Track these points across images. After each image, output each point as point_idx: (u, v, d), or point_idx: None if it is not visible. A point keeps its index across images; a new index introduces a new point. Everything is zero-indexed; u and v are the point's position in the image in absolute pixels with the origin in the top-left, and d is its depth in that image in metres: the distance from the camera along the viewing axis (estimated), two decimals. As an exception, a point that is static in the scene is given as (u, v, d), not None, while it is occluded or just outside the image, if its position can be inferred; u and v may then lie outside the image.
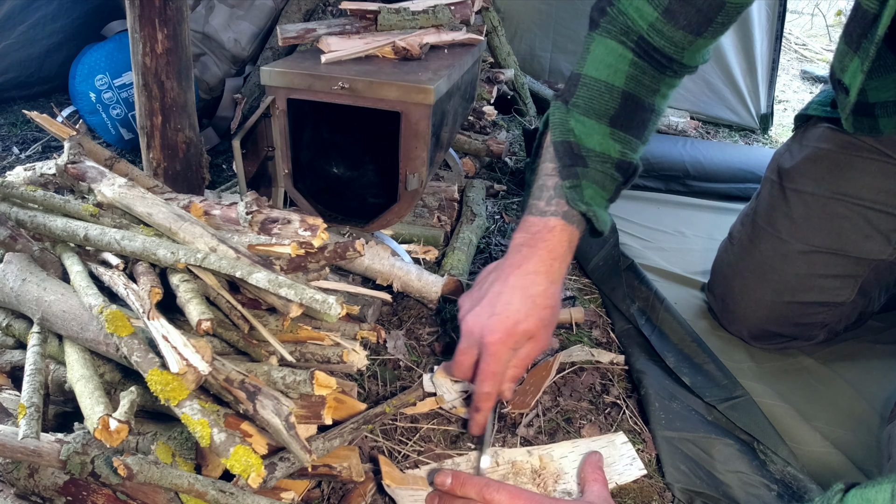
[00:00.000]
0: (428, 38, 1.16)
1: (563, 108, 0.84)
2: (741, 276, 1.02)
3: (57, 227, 0.72)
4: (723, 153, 1.68)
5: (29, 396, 0.57)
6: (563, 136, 0.83)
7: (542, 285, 0.76)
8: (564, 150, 0.83)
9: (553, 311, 0.78)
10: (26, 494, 0.60)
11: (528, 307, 0.75)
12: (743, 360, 1.00)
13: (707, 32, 0.79)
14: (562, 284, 0.80)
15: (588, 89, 0.83)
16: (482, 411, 0.76)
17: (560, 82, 2.29)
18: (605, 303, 1.10)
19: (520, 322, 0.74)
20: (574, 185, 0.81)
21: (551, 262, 0.78)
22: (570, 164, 0.82)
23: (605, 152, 0.82)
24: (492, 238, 1.32)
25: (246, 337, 0.69)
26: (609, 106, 0.82)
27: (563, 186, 0.81)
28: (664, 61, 0.82)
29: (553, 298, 0.77)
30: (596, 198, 0.82)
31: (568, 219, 0.80)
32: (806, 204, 0.96)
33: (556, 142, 0.84)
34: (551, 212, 0.80)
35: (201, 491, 0.56)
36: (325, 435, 0.69)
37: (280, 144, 1.03)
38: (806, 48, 3.77)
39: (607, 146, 0.82)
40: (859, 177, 0.92)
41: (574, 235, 0.81)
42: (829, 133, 0.96)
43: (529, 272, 0.77)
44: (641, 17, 0.79)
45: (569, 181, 0.81)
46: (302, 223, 0.74)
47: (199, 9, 1.88)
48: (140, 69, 0.95)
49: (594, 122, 0.82)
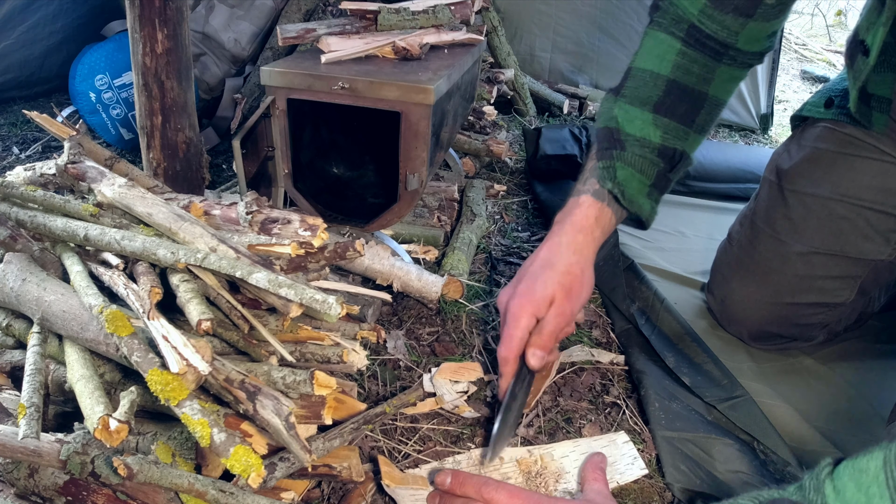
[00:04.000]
0: (428, 38, 1.16)
1: (612, 98, 0.87)
2: (740, 277, 1.02)
3: (57, 227, 0.72)
4: (723, 153, 1.68)
5: (29, 396, 0.57)
6: (605, 122, 0.86)
7: (565, 255, 0.79)
8: (604, 135, 0.85)
9: (575, 279, 0.78)
10: (26, 494, 0.60)
11: (547, 275, 0.77)
12: (743, 360, 1.00)
13: (757, 14, 0.80)
14: (589, 257, 0.81)
15: (635, 80, 0.85)
16: (504, 375, 0.78)
17: (560, 82, 2.29)
18: (605, 303, 1.10)
19: (539, 287, 0.77)
20: (607, 166, 0.83)
21: (574, 234, 0.81)
22: (607, 147, 0.84)
23: (644, 137, 0.83)
24: (492, 238, 1.32)
25: (246, 337, 0.69)
26: (652, 93, 0.84)
27: (597, 167, 0.83)
28: (718, 48, 0.83)
29: (575, 267, 0.79)
30: (631, 180, 0.82)
31: (597, 196, 0.82)
32: (805, 205, 0.95)
33: (599, 129, 0.87)
34: (583, 190, 0.84)
35: (201, 491, 0.56)
36: (325, 435, 0.69)
37: (280, 144, 1.03)
38: (806, 48, 3.77)
39: (648, 132, 0.83)
40: (858, 177, 0.92)
41: (603, 212, 0.82)
42: (827, 133, 0.96)
43: (554, 244, 0.80)
44: (691, 4, 0.81)
45: (602, 162, 0.83)
46: (302, 223, 0.74)
47: (199, 9, 1.88)
48: (140, 69, 0.95)
49: (637, 109, 0.84)
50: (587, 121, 2.12)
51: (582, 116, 2.15)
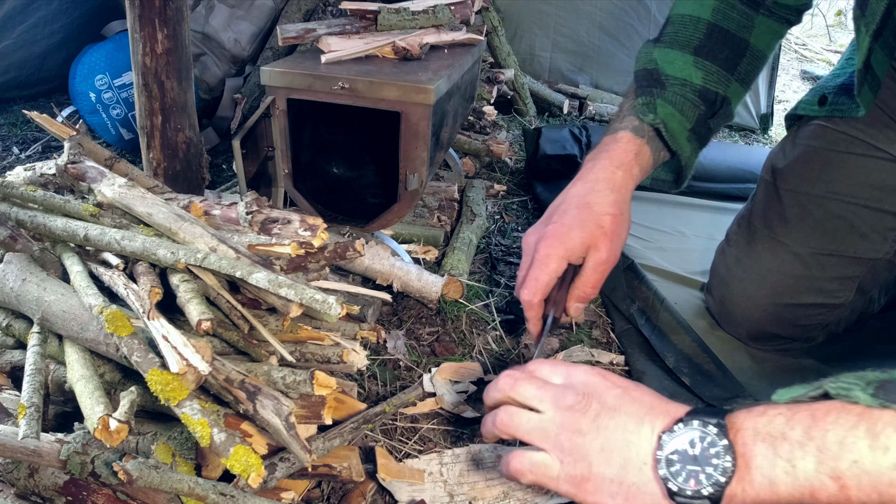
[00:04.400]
0: (428, 38, 1.16)
1: (650, 45, 0.86)
2: (739, 278, 1.01)
3: (57, 227, 0.72)
4: (723, 153, 1.68)
5: (29, 396, 0.57)
6: (643, 65, 0.84)
7: (601, 193, 0.74)
8: (644, 76, 0.83)
9: (615, 220, 0.73)
10: (26, 494, 0.60)
11: (583, 214, 0.72)
12: (743, 360, 1.00)
13: None
14: (627, 197, 0.76)
15: (674, 25, 0.84)
16: (530, 320, 0.74)
17: (560, 82, 2.29)
18: (605, 303, 1.10)
19: (573, 229, 0.71)
20: (647, 102, 0.80)
21: (613, 170, 0.75)
22: (647, 85, 0.82)
23: (685, 78, 0.81)
24: (492, 238, 1.32)
25: (246, 337, 0.69)
26: (693, 36, 0.82)
27: (635, 104, 0.80)
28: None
29: (614, 207, 0.73)
30: (672, 119, 0.80)
31: (637, 132, 0.78)
32: (800, 204, 0.95)
33: (636, 71, 0.84)
34: (621, 127, 0.79)
35: (202, 494, 0.56)
36: (325, 435, 0.69)
37: (280, 144, 1.03)
38: (806, 48, 3.77)
39: (689, 73, 0.81)
40: (852, 174, 0.91)
41: (643, 150, 0.78)
42: (821, 130, 0.94)
43: (589, 180, 0.75)
44: None
45: (642, 98, 0.80)
46: (302, 223, 0.74)
47: (199, 9, 1.88)
48: (140, 69, 0.95)
49: (678, 52, 0.82)
50: (587, 121, 2.12)
51: (582, 116, 2.15)
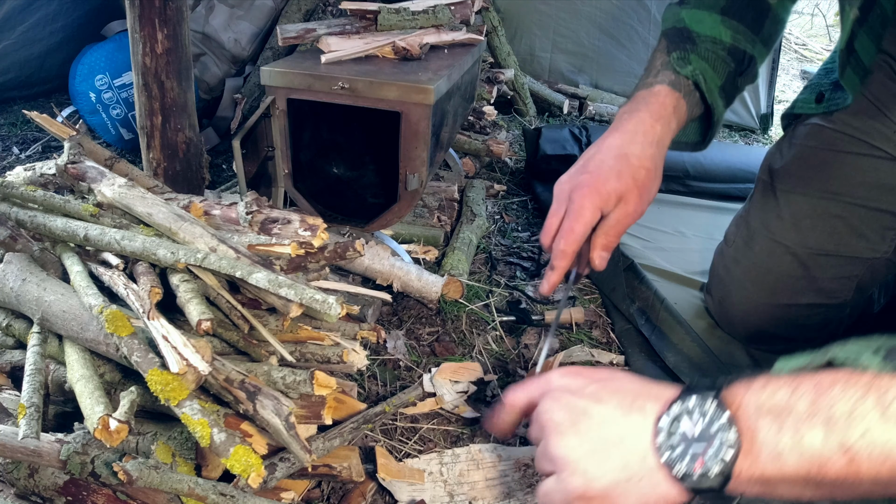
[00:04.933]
0: (428, 38, 1.16)
1: (676, 7, 0.86)
2: (737, 278, 1.01)
3: (57, 227, 0.72)
4: (723, 153, 1.68)
5: (29, 396, 0.57)
6: (672, 24, 0.84)
7: (639, 145, 0.73)
8: (674, 34, 0.83)
9: (649, 174, 0.73)
10: (26, 494, 0.60)
11: (620, 165, 0.71)
12: (743, 360, 1.00)
13: None
14: (664, 151, 0.76)
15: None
16: (556, 270, 0.73)
17: (560, 82, 2.29)
18: (605, 303, 1.10)
19: (609, 179, 0.70)
20: (682, 57, 0.80)
21: (652, 123, 0.75)
22: (679, 41, 0.82)
23: (715, 36, 0.81)
24: (492, 238, 1.32)
25: (246, 337, 0.69)
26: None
27: (671, 58, 0.80)
28: None
29: (651, 161, 0.73)
30: (706, 73, 0.80)
31: (674, 86, 0.78)
32: (797, 204, 0.94)
33: (667, 30, 0.84)
34: (656, 82, 0.79)
35: (202, 495, 0.56)
36: (325, 435, 0.69)
37: (280, 144, 1.03)
38: (806, 48, 3.77)
39: (718, 31, 0.82)
40: (849, 174, 0.90)
41: (680, 103, 0.78)
42: (816, 129, 0.94)
43: (627, 132, 0.75)
44: None
45: (676, 52, 0.80)
46: (302, 223, 0.75)
47: (199, 9, 1.88)
48: (140, 69, 0.95)
49: (705, 12, 0.83)
50: (587, 121, 2.12)
51: (582, 116, 2.15)
